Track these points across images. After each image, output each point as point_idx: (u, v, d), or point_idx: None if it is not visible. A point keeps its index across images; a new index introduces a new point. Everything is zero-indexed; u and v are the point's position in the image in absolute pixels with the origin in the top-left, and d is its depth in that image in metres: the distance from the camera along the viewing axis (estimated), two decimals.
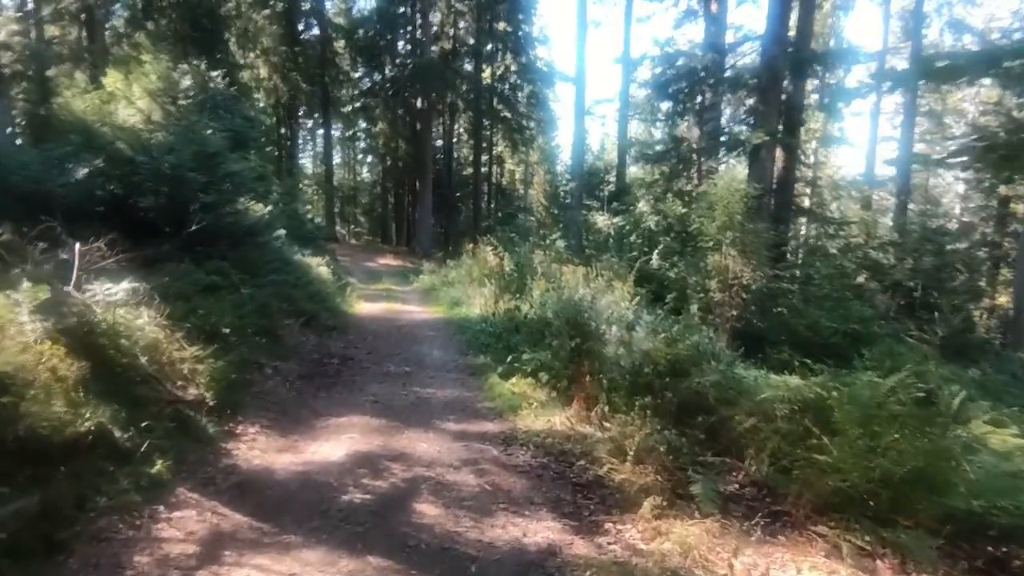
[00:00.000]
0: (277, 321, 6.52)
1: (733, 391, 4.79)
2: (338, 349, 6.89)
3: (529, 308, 7.95)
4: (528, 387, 5.54)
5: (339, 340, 7.41)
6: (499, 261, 11.17)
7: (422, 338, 7.87)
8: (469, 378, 6.00)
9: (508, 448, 4.14)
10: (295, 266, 9.06)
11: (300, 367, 5.89)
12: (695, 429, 4.47)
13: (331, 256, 15.52)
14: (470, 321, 8.47)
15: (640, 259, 12.17)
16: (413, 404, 5.07)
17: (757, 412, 4.55)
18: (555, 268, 9.38)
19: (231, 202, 7.60)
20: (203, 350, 4.40)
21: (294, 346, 6.45)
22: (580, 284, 8.28)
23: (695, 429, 4.47)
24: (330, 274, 10.74)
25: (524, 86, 28.50)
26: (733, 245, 8.61)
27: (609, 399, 4.94)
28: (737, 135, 10.50)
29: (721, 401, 4.75)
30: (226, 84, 15.56)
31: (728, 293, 8.61)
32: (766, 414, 4.54)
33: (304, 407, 4.79)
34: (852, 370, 5.42)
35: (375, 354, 6.85)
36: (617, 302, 8.02)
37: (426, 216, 24.75)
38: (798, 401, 4.52)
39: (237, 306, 5.67)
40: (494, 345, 6.94)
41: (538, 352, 5.83)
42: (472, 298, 9.92)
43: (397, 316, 9.53)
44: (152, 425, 3.47)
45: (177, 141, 7.09)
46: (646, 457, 3.99)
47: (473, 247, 12.99)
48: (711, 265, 8.76)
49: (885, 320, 10.77)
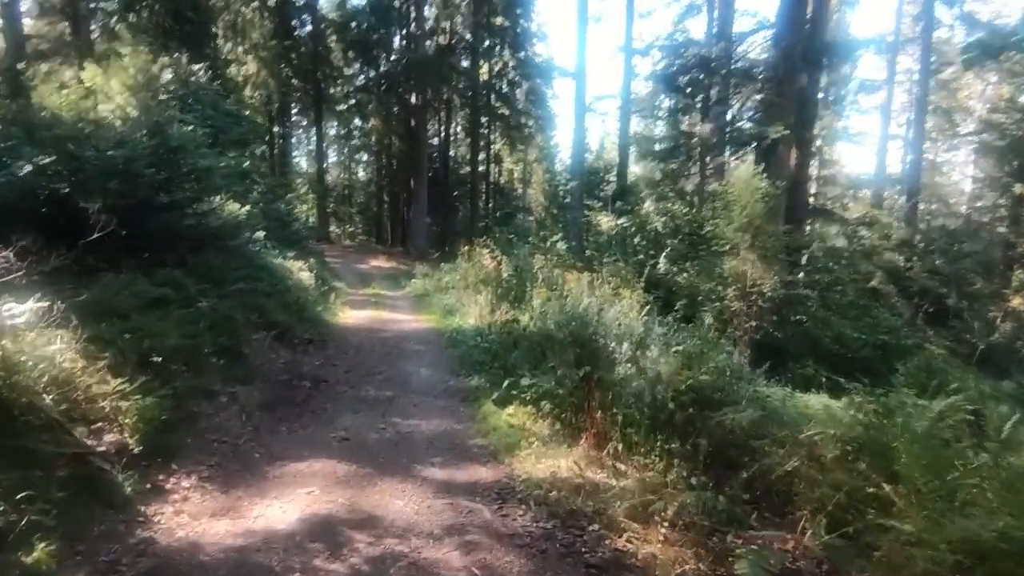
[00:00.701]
0: (241, 337, 5.72)
1: (774, 429, 4.02)
2: (312, 368, 6.09)
3: (529, 320, 7.17)
4: (528, 418, 4.75)
5: (315, 356, 6.61)
6: (496, 265, 10.39)
7: (409, 353, 7.08)
8: (460, 405, 5.21)
9: (504, 506, 3.34)
10: (271, 271, 8.26)
11: (263, 392, 5.09)
12: (732, 479, 3.70)
13: (318, 259, 14.72)
14: (463, 333, 7.68)
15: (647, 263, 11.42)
16: (391, 442, 4.27)
17: (804, 454, 3.79)
18: (557, 274, 8.60)
19: (197, 201, 6.80)
20: (131, 382, 3.59)
21: (260, 366, 5.65)
22: (585, 292, 7.50)
23: (732, 479, 3.70)
24: (312, 279, 9.94)
25: (522, 83, 27.71)
26: (752, 249, 7.84)
27: (624, 435, 4.17)
28: (753, 129, 9.74)
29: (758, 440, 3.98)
30: (209, 78, 14.78)
31: (747, 302, 7.84)
32: (813, 455, 3.79)
33: (259, 447, 3.99)
34: (888, 388, 4.69)
35: (354, 373, 6.06)
36: (625, 312, 7.27)
37: (421, 216, 23.95)
38: (853, 440, 3.76)
39: (189, 322, 4.87)
40: (489, 364, 6.15)
41: (539, 377, 5.04)
42: (466, 306, 9.13)
43: (384, 326, 8.74)
44: (43, 490, 2.67)
45: (130, 133, 6.28)
46: (675, 519, 3.22)
47: (469, 249, 12.21)
48: (728, 271, 7.98)
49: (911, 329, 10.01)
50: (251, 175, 11.91)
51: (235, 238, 7.62)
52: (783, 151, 10.23)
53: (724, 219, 8.09)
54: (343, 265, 18.08)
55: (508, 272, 9.34)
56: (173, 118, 8.16)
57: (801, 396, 7.01)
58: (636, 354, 5.73)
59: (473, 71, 24.78)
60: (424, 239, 23.76)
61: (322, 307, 9.09)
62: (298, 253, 12.11)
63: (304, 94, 26.41)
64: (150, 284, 5.07)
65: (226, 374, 4.98)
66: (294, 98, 27.06)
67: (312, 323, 7.87)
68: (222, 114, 14.14)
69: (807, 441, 3.78)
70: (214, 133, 12.84)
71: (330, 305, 9.55)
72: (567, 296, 7.81)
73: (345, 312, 9.62)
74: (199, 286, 5.73)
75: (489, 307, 8.25)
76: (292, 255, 11.18)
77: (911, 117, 26.93)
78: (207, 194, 7.10)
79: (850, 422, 3.89)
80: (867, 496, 3.28)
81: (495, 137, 30.01)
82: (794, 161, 11.36)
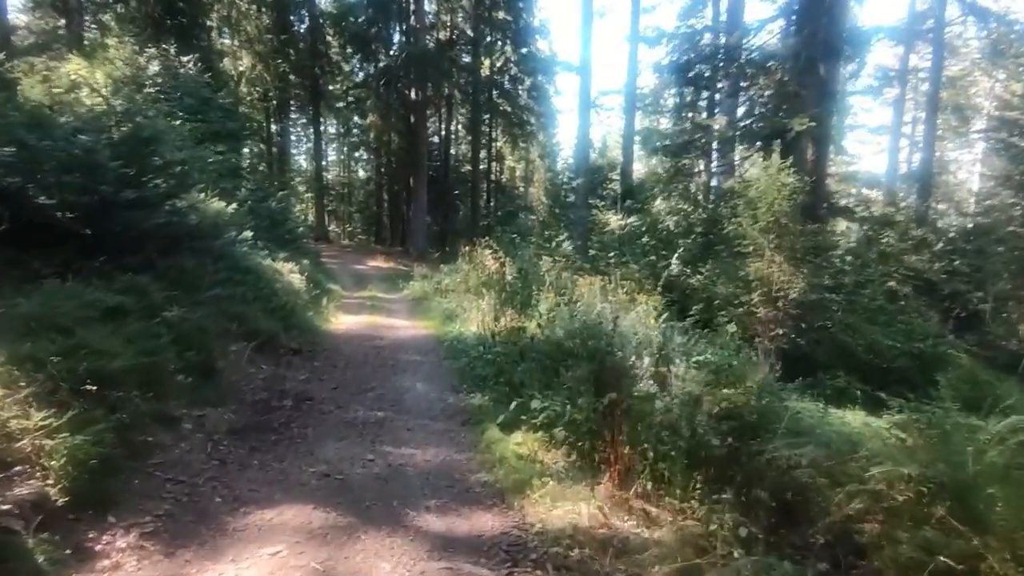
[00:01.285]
0: (215, 350, 5.09)
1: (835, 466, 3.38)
2: (295, 384, 5.45)
3: (536, 328, 6.53)
4: (539, 446, 4.12)
5: (301, 369, 5.97)
6: (499, 267, 9.75)
7: (405, 365, 6.44)
8: (460, 429, 4.57)
9: (515, 572, 2.71)
10: (257, 274, 7.61)
11: (236, 415, 4.45)
12: (790, 531, 3.07)
13: (313, 259, 14.09)
14: (465, 343, 7.04)
15: (659, 265, 10.79)
16: (380, 478, 3.63)
17: (870, 497, 3.18)
18: (566, 277, 7.97)
19: (171, 198, 6.17)
20: (61, 413, 2.96)
21: (236, 383, 5.02)
22: (597, 297, 6.87)
23: (790, 531, 3.07)
24: (303, 282, 9.30)
25: (525, 79, 27.05)
26: (779, 250, 7.20)
27: (653, 470, 3.54)
28: (775, 121, 9.11)
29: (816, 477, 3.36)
30: (200, 71, 14.18)
31: (773, 307, 7.19)
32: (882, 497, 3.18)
33: (221, 488, 3.35)
34: (930, 403, 4.08)
35: (343, 390, 5.42)
36: (641, 319, 6.63)
37: (421, 215, 23.31)
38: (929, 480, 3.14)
39: (148, 336, 4.23)
40: (493, 379, 5.52)
41: (551, 397, 4.40)
42: (468, 311, 8.49)
43: (379, 333, 8.10)
44: None
45: (91, 122, 5.65)
46: None
47: (470, 250, 11.57)
48: (753, 274, 7.33)
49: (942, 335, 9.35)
50: (240, 171, 11.25)
51: (216, 238, 6.98)
52: (806, 145, 9.59)
53: (748, 218, 7.45)
54: (340, 266, 17.45)
55: (512, 275, 8.70)
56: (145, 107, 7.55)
57: (836, 412, 6.39)
58: (659, 369, 5.11)
59: (474, 65, 24.13)
60: (424, 239, 23.13)
61: (313, 312, 8.46)
62: (291, 254, 11.48)
63: (301, 90, 25.78)
64: (107, 292, 4.43)
65: (194, 395, 4.34)
66: (292, 94, 26.43)
67: (300, 330, 7.24)
68: (212, 108, 13.54)
69: (874, 480, 3.16)
70: (204, 127, 12.28)
71: (322, 310, 8.92)
72: (577, 302, 7.19)
73: (338, 317, 8.98)
74: (168, 293, 5.09)
75: (492, 313, 7.61)
76: (284, 256, 10.55)
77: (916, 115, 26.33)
78: (184, 190, 6.47)
79: (926, 457, 3.26)
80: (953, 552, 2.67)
81: (497, 134, 29.37)
82: (811, 156, 10.72)
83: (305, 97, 26.18)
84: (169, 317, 4.72)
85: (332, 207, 35.07)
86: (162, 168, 6.17)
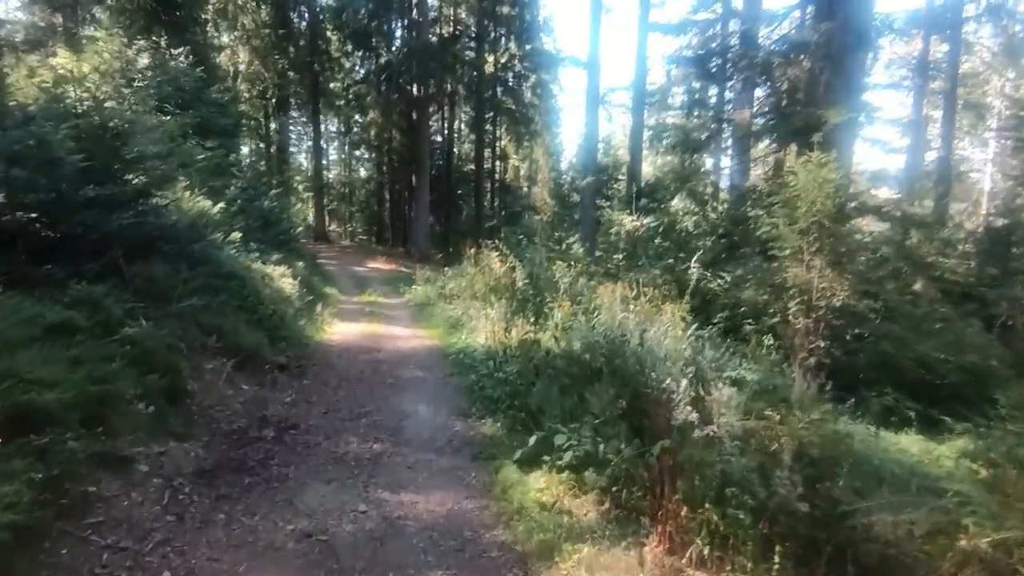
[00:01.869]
0: (185, 370, 4.41)
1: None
2: (280, 408, 4.78)
3: (552, 341, 5.85)
4: (565, 491, 3.44)
5: (288, 389, 5.30)
6: (508, 271, 9.07)
7: (406, 383, 5.75)
8: (470, 467, 3.88)
9: None
10: (243, 280, 6.93)
11: (206, 450, 3.78)
12: None
13: (309, 261, 13.44)
14: (472, 356, 6.36)
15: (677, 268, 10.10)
16: (374, 539, 2.95)
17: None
18: (583, 283, 7.29)
19: (143, 196, 5.50)
20: None
21: (209, 409, 4.34)
22: (617, 306, 6.18)
23: None
24: (296, 287, 8.63)
25: (529, 75, 26.38)
26: (820, 254, 6.49)
27: (711, 531, 2.85)
28: (811, 113, 8.42)
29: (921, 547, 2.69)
30: (192, 64, 13.56)
31: (814, 317, 6.49)
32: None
33: (173, 558, 2.67)
34: (992, 423, 3.44)
35: (334, 415, 4.74)
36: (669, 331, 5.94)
37: (423, 215, 22.63)
38: None
39: (101, 358, 3.56)
40: (506, 401, 4.83)
41: (577, 431, 3.72)
42: (475, 320, 7.82)
43: (378, 344, 7.42)
44: None
45: (46, 110, 4.99)
46: None
47: (475, 252, 10.89)
48: (791, 280, 6.63)
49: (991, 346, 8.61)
50: (231, 168, 10.59)
51: (197, 240, 6.30)
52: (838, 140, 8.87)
53: (785, 218, 6.75)
54: (339, 267, 16.79)
55: (522, 280, 8.03)
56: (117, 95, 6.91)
57: (888, 436, 5.69)
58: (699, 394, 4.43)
59: (478, 60, 23.44)
60: (426, 239, 22.46)
61: (306, 320, 7.79)
62: (284, 256, 10.82)
63: (301, 87, 25.14)
64: (53, 305, 3.76)
65: (155, 427, 3.67)
66: (291, 92, 25.78)
67: (290, 342, 6.56)
68: (205, 102, 12.92)
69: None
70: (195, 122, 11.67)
71: (316, 317, 8.25)
72: (595, 311, 6.50)
73: (333, 326, 8.30)
74: (132, 304, 4.42)
75: (503, 322, 6.93)
76: (276, 258, 9.89)
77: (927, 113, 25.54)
78: (160, 187, 5.79)
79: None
80: None
81: (500, 133, 28.70)
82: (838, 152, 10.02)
83: (304, 94, 25.55)
84: (130, 333, 4.04)
85: (333, 207, 34.43)
86: (134, 162, 5.51)
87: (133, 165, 5.50)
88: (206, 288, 5.74)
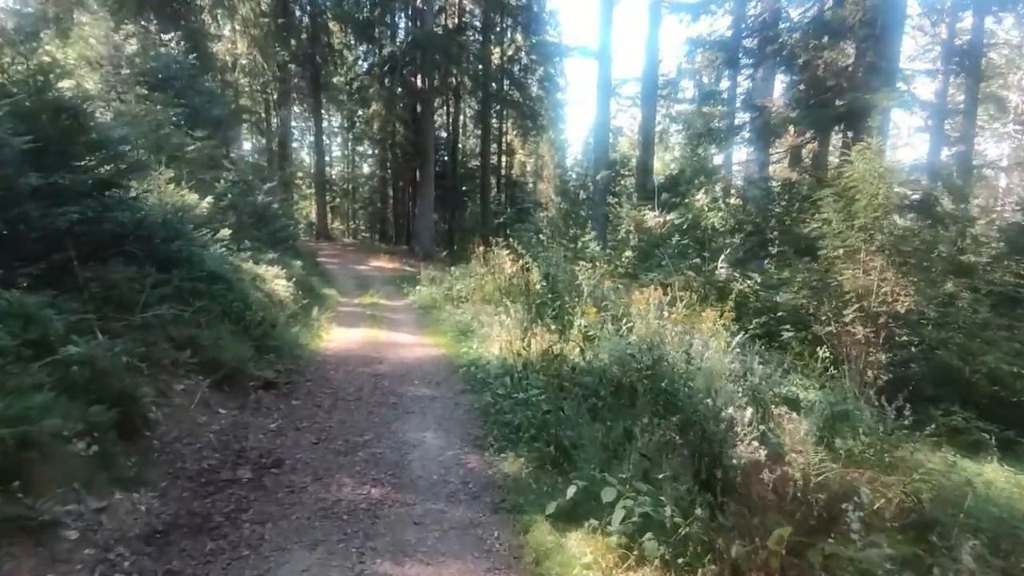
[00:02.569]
0: (146, 396, 3.66)
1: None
2: (263, 438, 4.02)
3: (577, 352, 5.09)
4: (614, 561, 2.67)
5: (273, 412, 4.54)
6: (521, 271, 8.30)
7: (411, 403, 4.99)
8: (491, 521, 3.11)
9: None
10: (229, 283, 6.17)
11: (163, 501, 3.03)
12: None
13: (308, 261, 12.71)
14: (486, 370, 5.59)
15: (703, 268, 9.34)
16: None
17: None
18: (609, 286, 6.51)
19: (106, 187, 4.76)
20: None
21: (174, 442, 3.59)
22: (652, 313, 5.41)
23: None
24: (291, 289, 7.89)
25: (537, 67, 25.55)
26: (882, 253, 5.70)
27: None
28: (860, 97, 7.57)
29: None
30: (185, 51, 12.86)
31: (875, 327, 5.70)
32: None
33: None
34: None
35: (326, 446, 3.99)
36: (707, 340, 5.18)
37: (427, 211, 21.86)
38: None
39: (26, 388, 2.80)
40: (530, 429, 4.06)
41: (629, 480, 2.94)
42: (486, 326, 7.06)
43: (380, 353, 6.66)
44: None
45: None
46: None
47: (484, 250, 10.12)
48: (848, 283, 5.82)
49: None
50: (221, 160, 9.85)
51: (174, 238, 5.55)
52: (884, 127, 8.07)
53: (840, 213, 5.95)
54: (340, 266, 16.07)
55: (539, 281, 7.26)
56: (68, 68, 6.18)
57: (968, 464, 4.91)
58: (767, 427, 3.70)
59: (484, 51, 22.64)
60: (430, 237, 21.70)
61: (300, 327, 7.04)
62: (280, 255, 10.09)
63: (302, 80, 24.36)
64: None
65: (96, 475, 2.92)
66: (292, 85, 25.01)
67: (280, 354, 5.82)
68: (196, 91, 12.19)
69: None
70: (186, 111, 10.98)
71: (312, 323, 7.50)
72: (623, 318, 5.73)
73: (330, 332, 7.55)
74: (83, 316, 3.67)
75: (520, 329, 6.16)
76: (271, 258, 9.16)
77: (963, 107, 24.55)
78: (125, 177, 5.04)
79: None
80: None
81: (507, 127, 27.88)
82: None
83: (306, 88, 24.79)
84: (74, 353, 3.29)
85: (336, 204, 33.69)
86: (94, 147, 4.77)
87: (93, 150, 4.77)
88: (182, 293, 5.00)
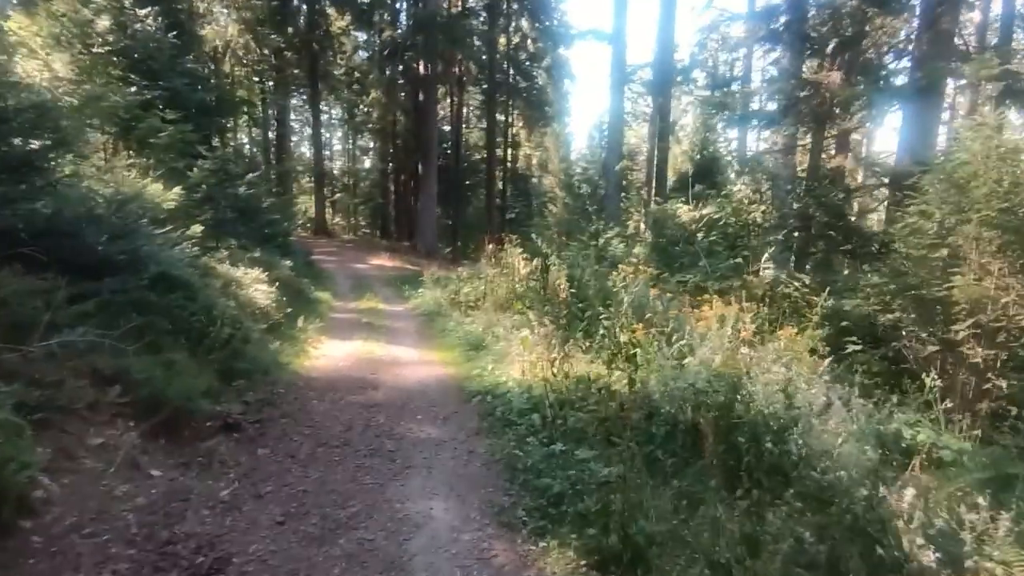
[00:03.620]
0: (35, 459, 2.53)
1: None
2: (207, 516, 2.88)
3: (625, 383, 3.96)
4: None
5: (228, 470, 3.40)
6: (540, 274, 7.15)
7: (411, 450, 3.85)
8: None
9: None
10: (194, 291, 5.04)
11: None
12: None
13: (301, 260, 11.57)
14: (506, 401, 4.46)
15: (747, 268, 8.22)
16: None
17: None
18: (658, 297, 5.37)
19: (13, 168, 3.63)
20: None
21: (70, 532, 2.46)
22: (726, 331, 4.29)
23: None
24: (274, 295, 6.77)
25: (544, 55, 24.31)
26: (1004, 255, 4.55)
27: None
28: (939, 69, 6.46)
29: None
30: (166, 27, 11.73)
31: (993, 346, 4.55)
32: None
33: None
34: None
35: (295, 528, 2.86)
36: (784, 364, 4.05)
37: (430, 206, 20.72)
38: None
39: None
40: (574, 500, 2.93)
41: None
42: (503, 340, 5.92)
43: (375, 375, 5.52)
44: None
45: None
46: None
47: (495, 249, 8.98)
48: (960, 293, 4.65)
49: None
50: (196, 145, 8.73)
51: (121, 235, 4.42)
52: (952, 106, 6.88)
53: (948, 205, 4.79)
54: (337, 265, 14.94)
55: (567, 287, 6.12)
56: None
57: None
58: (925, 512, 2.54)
59: (490, 34, 21.42)
60: (433, 233, 20.57)
61: (281, 341, 5.92)
62: (266, 254, 8.97)
63: (299, 68, 23.19)
64: None
65: None
66: (289, 73, 23.83)
67: (251, 378, 4.69)
68: (178, 73, 11.07)
69: None
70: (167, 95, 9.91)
71: (296, 335, 6.38)
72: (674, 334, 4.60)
73: (319, 346, 6.42)
74: None
75: (545, 347, 5.02)
76: (253, 256, 8.04)
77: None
78: (44, 159, 3.91)
79: None
80: None
81: (513, 118, 26.67)
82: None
83: (303, 76, 23.62)
84: None
85: (336, 198, 32.55)
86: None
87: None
88: (117, 308, 3.87)
